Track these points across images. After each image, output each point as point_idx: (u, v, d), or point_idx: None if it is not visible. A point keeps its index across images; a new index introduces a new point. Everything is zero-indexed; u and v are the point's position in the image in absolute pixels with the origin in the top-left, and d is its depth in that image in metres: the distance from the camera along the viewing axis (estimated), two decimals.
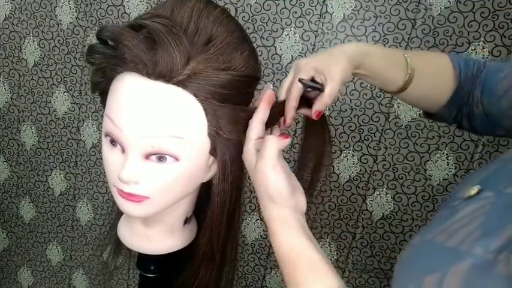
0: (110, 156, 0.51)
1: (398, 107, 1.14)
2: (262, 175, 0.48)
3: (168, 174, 0.49)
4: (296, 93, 0.53)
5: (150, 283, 0.64)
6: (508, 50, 1.03)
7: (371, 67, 0.57)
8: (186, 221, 0.62)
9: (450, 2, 1.04)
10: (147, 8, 1.25)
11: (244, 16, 1.18)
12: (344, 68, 0.52)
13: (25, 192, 1.55)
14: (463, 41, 1.05)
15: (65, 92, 1.39)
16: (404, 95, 0.63)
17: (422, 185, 1.17)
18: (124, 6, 1.26)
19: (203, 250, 0.57)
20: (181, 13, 0.48)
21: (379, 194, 1.22)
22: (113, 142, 0.50)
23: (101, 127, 0.52)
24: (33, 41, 1.37)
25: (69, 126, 1.42)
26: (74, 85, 1.38)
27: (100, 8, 1.28)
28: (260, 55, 1.18)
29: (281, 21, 1.16)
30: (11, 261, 1.66)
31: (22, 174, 1.53)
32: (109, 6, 1.28)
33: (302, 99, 0.54)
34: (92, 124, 1.40)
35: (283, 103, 0.55)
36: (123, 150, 0.49)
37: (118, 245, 0.68)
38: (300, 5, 1.13)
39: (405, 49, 1.09)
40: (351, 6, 1.10)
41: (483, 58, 1.05)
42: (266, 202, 0.49)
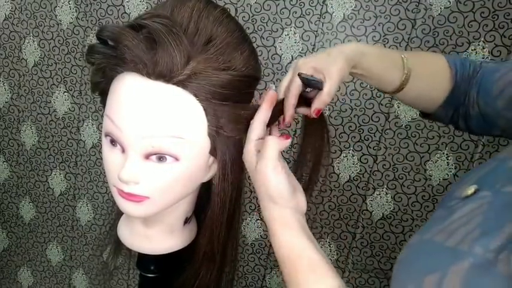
0: (110, 156, 0.51)
1: (398, 107, 1.14)
2: (262, 176, 0.49)
3: (168, 174, 0.49)
4: (295, 91, 0.53)
5: (150, 283, 0.64)
6: (508, 50, 1.03)
7: (368, 67, 0.57)
8: (186, 221, 0.62)
9: (450, 2, 1.04)
10: (147, 8, 1.24)
11: (244, 16, 1.18)
12: (342, 67, 0.53)
13: (25, 192, 1.55)
14: (463, 41, 1.05)
15: (65, 92, 1.39)
16: (401, 95, 0.63)
17: (422, 185, 1.17)
18: (124, 6, 1.26)
19: (203, 250, 0.57)
20: (181, 13, 0.48)
21: (379, 194, 1.21)
22: (113, 142, 0.50)
23: (101, 127, 0.52)
24: (33, 41, 1.37)
25: (69, 126, 1.42)
26: (74, 85, 1.38)
27: (100, 8, 1.28)
28: (260, 55, 1.18)
29: (281, 21, 1.16)
30: (11, 261, 1.66)
31: (22, 174, 1.53)
32: (109, 6, 1.28)
33: (301, 99, 0.54)
34: (92, 124, 1.40)
35: (282, 102, 0.55)
36: (123, 150, 0.49)
37: (118, 245, 0.68)
38: (300, 5, 1.13)
39: (405, 49, 1.09)
40: (351, 6, 1.10)
41: (483, 58, 1.05)
42: (267, 203, 0.49)
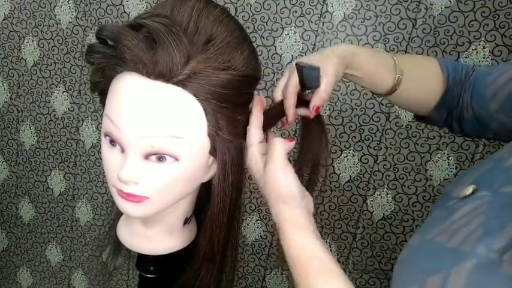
0: (110, 156, 0.50)
1: (398, 107, 1.14)
2: (272, 177, 0.49)
3: (168, 174, 0.49)
4: (293, 90, 0.54)
5: (150, 284, 0.64)
6: (509, 50, 1.03)
7: (360, 67, 0.59)
8: (186, 221, 0.61)
9: (451, 2, 1.03)
10: (147, 8, 1.24)
11: (244, 15, 1.17)
12: (336, 64, 0.55)
13: (24, 192, 1.54)
14: (464, 41, 1.05)
15: (64, 92, 1.39)
16: (393, 98, 0.64)
17: (423, 185, 1.17)
18: (123, 5, 1.26)
19: (203, 251, 0.57)
20: (181, 12, 0.47)
21: (379, 194, 1.21)
22: (113, 142, 0.49)
23: (100, 127, 0.52)
24: (32, 41, 1.36)
25: (68, 126, 1.42)
26: (73, 85, 1.37)
27: (99, 8, 1.28)
28: (260, 55, 1.18)
29: (281, 20, 1.15)
30: (10, 261, 1.66)
31: (21, 174, 1.52)
32: (108, 5, 1.27)
33: (299, 101, 0.55)
34: (91, 124, 1.40)
35: (281, 103, 0.56)
36: (122, 150, 0.49)
37: (117, 246, 0.68)
38: (300, 5, 1.13)
39: (406, 49, 1.09)
40: (352, 5, 1.10)
41: (484, 58, 1.05)
42: (277, 204, 0.50)
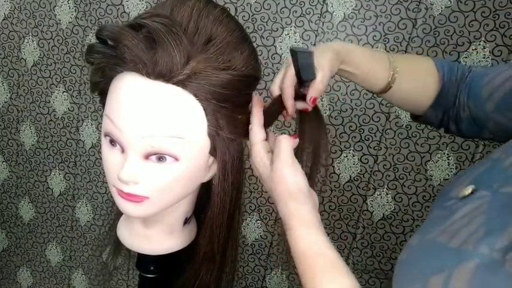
0: (110, 156, 0.50)
1: (397, 107, 1.13)
2: (280, 173, 0.49)
3: (168, 174, 0.49)
4: (289, 82, 0.54)
5: (150, 284, 0.64)
6: (509, 50, 1.03)
7: (355, 63, 0.60)
8: (186, 221, 0.61)
9: (451, 2, 1.03)
10: (147, 8, 1.24)
11: (244, 15, 1.17)
12: (331, 58, 0.56)
13: (24, 192, 1.54)
14: (464, 41, 1.05)
15: (64, 92, 1.39)
16: (388, 96, 0.65)
17: (423, 185, 1.17)
18: (123, 5, 1.26)
19: (203, 251, 0.57)
20: (181, 12, 0.48)
21: (379, 194, 1.21)
22: (113, 142, 0.49)
23: (100, 127, 0.52)
24: (32, 41, 1.36)
25: (68, 126, 1.42)
26: (73, 85, 1.37)
27: (99, 8, 1.28)
28: (260, 55, 1.18)
29: (281, 20, 1.15)
30: (11, 261, 1.66)
31: (21, 174, 1.52)
32: (108, 5, 1.27)
33: (297, 96, 0.56)
34: (91, 124, 1.40)
35: (279, 98, 0.56)
36: (122, 150, 0.49)
37: (117, 246, 0.68)
38: (300, 4, 1.13)
39: (406, 49, 1.09)
40: (352, 5, 1.10)
41: (484, 58, 1.05)
42: (285, 200, 0.50)
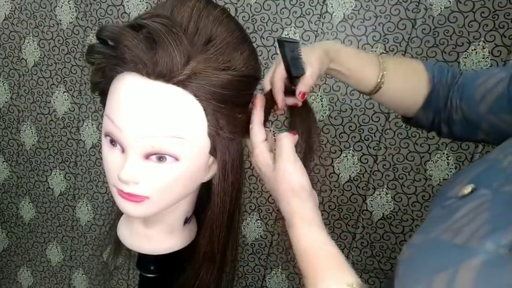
0: (110, 156, 0.51)
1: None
2: (283, 171, 0.50)
3: (168, 174, 0.49)
4: (279, 76, 0.55)
5: (150, 283, 0.64)
6: (508, 50, 1.03)
7: (345, 63, 0.61)
8: (186, 221, 0.62)
9: (450, 2, 1.04)
10: (147, 8, 1.24)
11: (244, 16, 1.18)
12: (320, 56, 0.57)
13: (25, 192, 1.55)
14: (463, 41, 1.05)
15: (65, 92, 1.39)
16: (378, 96, 0.65)
17: (422, 185, 1.17)
18: (124, 6, 1.26)
19: (203, 250, 0.57)
20: (181, 13, 0.48)
21: (379, 194, 1.21)
22: (113, 142, 0.49)
23: (101, 127, 0.52)
24: (33, 41, 1.37)
25: (69, 126, 1.42)
26: (74, 85, 1.38)
27: (100, 8, 1.28)
28: (260, 55, 1.18)
29: (281, 21, 1.16)
30: (11, 261, 1.66)
31: (22, 174, 1.52)
32: (109, 6, 1.28)
33: (287, 92, 0.57)
34: (92, 124, 1.40)
35: (270, 93, 0.57)
36: (123, 150, 0.49)
37: (118, 245, 0.68)
38: (300, 5, 1.13)
39: (405, 49, 1.09)
40: (351, 6, 1.10)
41: (483, 58, 1.05)
42: (288, 198, 0.50)
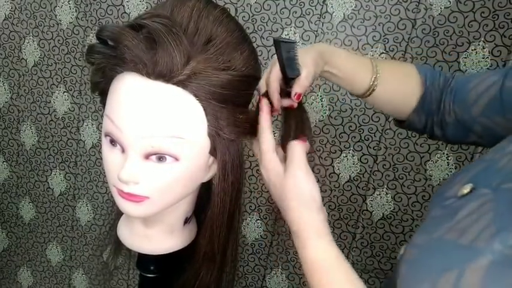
0: (110, 156, 0.51)
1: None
2: (294, 180, 0.49)
3: (168, 174, 0.49)
4: (274, 77, 0.55)
5: (150, 283, 0.64)
6: (508, 50, 1.03)
7: (339, 65, 0.62)
8: (186, 221, 0.62)
9: (450, 2, 1.04)
10: (147, 8, 1.24)
11: (244, 16, 1.18)
12: (315, 57, 0.58)
13: (25, 192, 1.55)
14: (463, 41, 1.05)
15: (65, 92, 1.39)
16: (371, 99, 0.66)
17: (422, 185, 1.17)
18: (124, 6, 1.26)
19: (204, 250, 0.57)
20: (181, 13, 0.48)
21: (379, 194, 1.21)
22: (113, 142, 0.49)
23: (101, 127, 0.52)
24: (33, 41, 1.37)
25: (69, 126, 1.42)
26: (74, 85, 1.38)
27: (100, 8, 1.28)
28: (260, 55, 1.18)
29: (281, 21, 1.16)
30: (11, 261, 1.66)
31: (22, 174, 1.52)
32: (109, 6, 1.28)
33: (283, 93, 0.57)
34: (92, 124, 1.40)
35: (266, 94, 0.57)
36: (123, 150, 0.49)
37: (118, 245, 0.68)
38: (300, 5, 1.13)
39: (405, 49, 1.09)
40: (351, 6, 1.10)
41: (483, 58, 1.05)
42: (299, 208, 0.49)
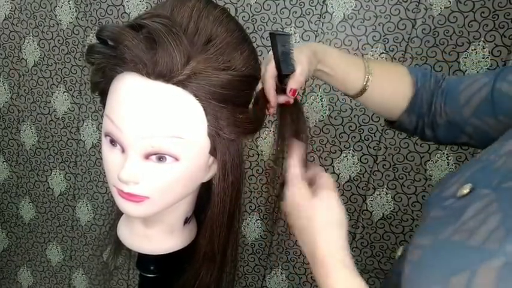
0: (110, 156, 0.51)
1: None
2: (329, 202, 0.50)
3: (168, 174, 0.49)
4: (270, 74, 0.56)
5: (150, 283, 0.64)
6: (508, 50, 1.03)
7: (331, 64, 0.63)
8: (186, 221, 0.62)
9: (450, 2, 1.04)
10: (147, 8, 1.24)
11: (244, 16, 1.18)
12: (309, 55, 0.59)
13: (25, 192, 1.55)
14: (463, 41, 1.05)
15: (65, 92, 1.39)
16: (363, 99, 0.67)
17: (422, 185, 1.17)
18: (124, 6, 1.26)
19: (204, 250, 0.57)
20: (181, 13, 0.48)
21: (379, 194, 1.21)
22: (113, 142, 0.49)
23: (101, 127, 0.52)
24: (33, 41, 1.37)
25: (69, 126, 1.42)
26: (74, 85, 1.38)
27: (100, 8, 1.28)
28: (260, 55, 1.18)
29: (281, 21, 1.16)
30: (11, 261, 1.66)
31: (22, 174, 1.52)
32: (109, 6, 1.28)
33: (278, 90, 0.57)
34: (92, 124, 1.40)
35: (262, 92, 0.57)
36: (123, 150, 0.49)
37: (118, 245, 0.68)
38: (300, 5, 1.13)
39: (405, 49, 1.09)
40: (351, 6, 1.10)
41: (483, 58, 1.05)
42: (327, 228, 0.49)
